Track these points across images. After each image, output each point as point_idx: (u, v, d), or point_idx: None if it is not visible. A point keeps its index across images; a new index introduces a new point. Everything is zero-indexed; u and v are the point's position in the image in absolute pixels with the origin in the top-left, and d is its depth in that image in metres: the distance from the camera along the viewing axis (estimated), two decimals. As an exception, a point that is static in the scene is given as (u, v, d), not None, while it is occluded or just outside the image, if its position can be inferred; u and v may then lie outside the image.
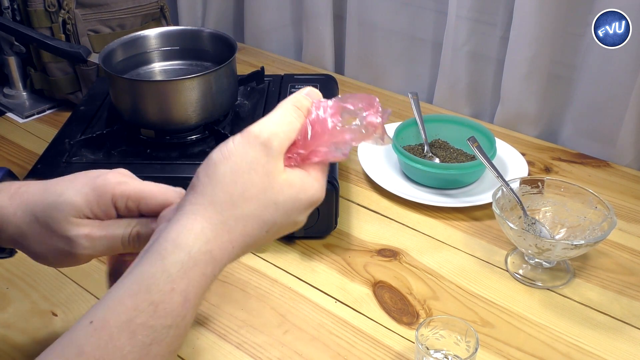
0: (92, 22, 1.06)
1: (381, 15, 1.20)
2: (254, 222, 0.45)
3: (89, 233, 0.50)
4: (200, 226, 0.43)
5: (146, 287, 0.41)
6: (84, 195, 0.50)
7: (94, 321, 0.40)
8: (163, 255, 0.42)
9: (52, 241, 0.50)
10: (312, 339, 0.68)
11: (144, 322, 0.40)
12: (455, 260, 0.79)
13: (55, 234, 0.50)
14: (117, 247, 0.51)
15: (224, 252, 0.44)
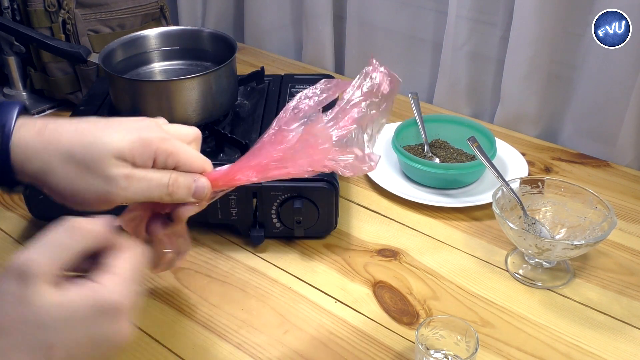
0: (92, 22, 1.06)
1: (381, 15, 1.20)
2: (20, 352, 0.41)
3: (129, 173, 0.50)
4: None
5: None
6: (129, 142, 0.50)
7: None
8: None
9: (87, 179, 0.50)
10: (312, 339, 0.68)
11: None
12: (455, 260, 0.79)
13: (92, 172, 0.49)
14: (155, 192, 0.51)
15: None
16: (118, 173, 0.50)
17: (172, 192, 0.51)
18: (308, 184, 0.76)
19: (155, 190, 0.51)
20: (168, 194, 0.51)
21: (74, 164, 0.50)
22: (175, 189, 0.51)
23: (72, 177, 0.50)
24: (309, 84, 0.96)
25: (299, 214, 0.76)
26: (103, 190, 0.50)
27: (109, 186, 0.50)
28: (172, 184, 0.51)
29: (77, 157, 0.50)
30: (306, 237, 0.81)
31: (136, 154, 0.50)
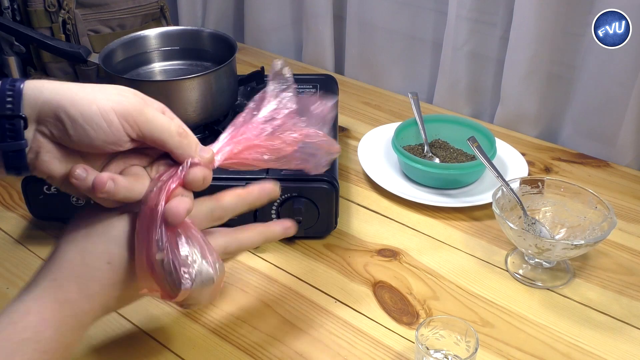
0: (92, 22, 1.06)
1: (381, 15, 1.20)
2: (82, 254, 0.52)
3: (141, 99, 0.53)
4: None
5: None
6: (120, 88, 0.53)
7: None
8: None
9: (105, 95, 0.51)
10: (312, 339, 0.68)
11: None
12: (455, 260, 0.79)
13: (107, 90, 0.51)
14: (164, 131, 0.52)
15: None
16: (133, 98, 0.51)
17: (183, 133, 0.53)
18: (308, 184, 0.76)
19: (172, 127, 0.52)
20: (180, 133, 0.53)
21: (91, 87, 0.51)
22: (184, 137, 0.53)
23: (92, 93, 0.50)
24: (309, 83, 0.97)
25: (299, 214, 0.76)
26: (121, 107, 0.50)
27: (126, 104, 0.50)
28: (184, 130, 0.53)
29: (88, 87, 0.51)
30: (306, 237, 0.81)
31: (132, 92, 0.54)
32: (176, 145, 0.52)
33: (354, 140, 1.04)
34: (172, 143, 0.52)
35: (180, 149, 0.52)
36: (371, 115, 1.13)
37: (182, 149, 0.52)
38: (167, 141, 0.52)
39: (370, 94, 1.20)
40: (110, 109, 0.49)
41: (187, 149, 0.53)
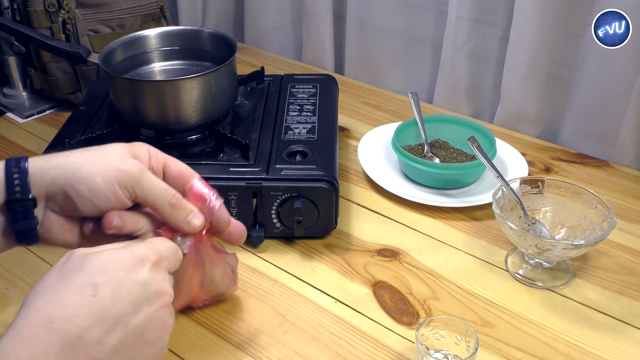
0: (92, 22, 1.06)
1: (381, 15, 1.20)
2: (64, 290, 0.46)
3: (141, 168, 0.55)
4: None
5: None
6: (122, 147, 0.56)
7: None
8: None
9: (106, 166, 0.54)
10: (312, 339, 0.68)
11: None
12: (455, 260, 0.79)
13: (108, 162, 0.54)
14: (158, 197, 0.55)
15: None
16: (132, 166, 0.54)
17: (175, 204, 0.55)
18: (308, 184, 0.76)
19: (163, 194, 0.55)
20: (171, 204, 0.55)
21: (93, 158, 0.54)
22: (177, 205, 0.55)
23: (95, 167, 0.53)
24: (309, 83, 0.97)
25: (299, 214, 0.76)
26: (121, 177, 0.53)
27: (125, 175, 0.53)
28: (177, 198, 0.56)
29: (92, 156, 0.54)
30: (306, 237, 0.81)
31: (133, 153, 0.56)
32: (167, 215, 0.55)
33: (354, 140, 1.04)
34: (164, 212, 0.55)
35: (171, 218, 0.55)
36: (371, 115, 1.13)
37: (173, 218, 0.55)
38: (160, 210, 0.55)
39: (370, 94, 1.20)
40: (114, 180, 0.53)
41: (176, 219, 0.55)
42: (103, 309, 0.45)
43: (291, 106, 0.91)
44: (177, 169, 0.58)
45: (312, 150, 0.81)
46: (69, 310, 0.44)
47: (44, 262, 0.78)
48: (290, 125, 0.86)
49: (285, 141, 0.83)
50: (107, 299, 0.45)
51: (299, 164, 0.79)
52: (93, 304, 0.45)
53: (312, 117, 0.88)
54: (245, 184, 0.76)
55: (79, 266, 0.47)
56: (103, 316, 0.45)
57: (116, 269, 0.47)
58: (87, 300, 0.45)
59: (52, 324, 0.43)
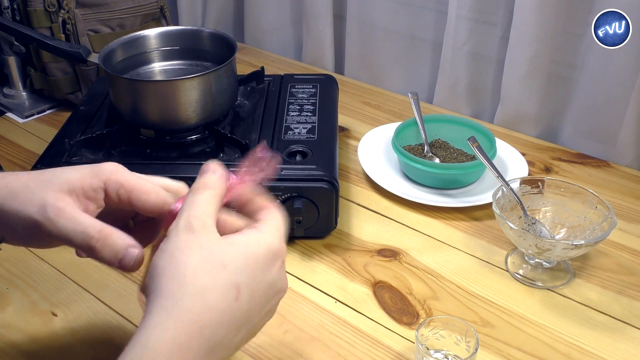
0: (92, 22, 1.06)
1: (381, 15, 1.20)
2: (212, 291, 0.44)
3: (62, 207, 0.48)
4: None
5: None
6: (79, 173, 0.50)
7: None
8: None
9: (28, 205, 0.49)
10: (312, 339, 0.68)
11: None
12: (455, 260, 0.79)
13: (34, 200, 0.49)
14: (78, 238, 0.48)
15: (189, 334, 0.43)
16: (53, 204, 0.48)
17: (95, 247, 0.48)
18: (308, 184, 0.76)
19: (79, 236, 0.48)
20: (91, 247, 0.48)
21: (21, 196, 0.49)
22: (100, 246, 0.48)
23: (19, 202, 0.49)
24: (309, 83, 0.97)
25: (299, 214, 0.76)
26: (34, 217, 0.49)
27: (39, 215, 0.48)
28: (98, 239, 0.48)
29: (30, 186, 0.50)
30: (306, 237, 0.81)
31: (85, 183, 0.50)
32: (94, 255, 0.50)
33: (354, 140, 1.04)
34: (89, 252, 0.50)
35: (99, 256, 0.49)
36: (371, 115, 1.13)
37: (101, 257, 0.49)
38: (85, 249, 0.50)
39: (370, 94, 1.20)
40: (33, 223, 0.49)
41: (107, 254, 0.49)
42: (241, 314, 0.45)
43: (291, 106, 0.91)
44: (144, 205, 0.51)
45: (312, 150, 0.81)
46: (216, 317, 0.44)
47: (44, 262, 0.78)
48: (290, 125, 0.86)
49: (285, 141, 0.83)
50: (245, 304, 0.45)
51: (299, 164, 0.79)
52: (236, 310, 0.45)
53: (312, 117, 0.88)
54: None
55: (220, 260, 0.45)
56: (241, 321, 0.45)
57: (255, 268, 0.46)
58: (231, 306, 0.44)
59: (203, 330, 0.43)
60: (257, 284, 0.46)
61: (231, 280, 0.44)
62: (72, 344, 0.67)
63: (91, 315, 0.70)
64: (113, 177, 0.51)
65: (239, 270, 0.45)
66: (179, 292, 0.43)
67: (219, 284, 0.44)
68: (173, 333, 0.42)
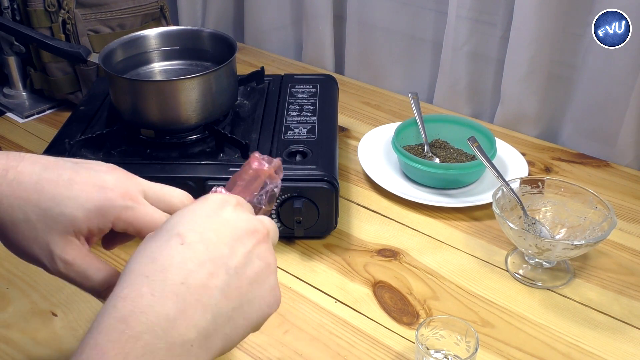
0: (92, 22, 1.06)
1: (381, 15, 1.20)
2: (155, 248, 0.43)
3: (71, 260, 0.48)
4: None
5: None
6: (86, 212, 0.48)
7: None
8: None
9: (33, 244, 0.48)
10: (312, 339, 0.68)
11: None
12: (455, 260, 0.79)
13: (39, 240, 0.48)
14: (85, 289, 0.50)
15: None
16: (60, 254, 0.48)
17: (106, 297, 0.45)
18: (308, 184, 0.76)
19: (88, 289, 0.49)
20: (101, 297, 0.49)
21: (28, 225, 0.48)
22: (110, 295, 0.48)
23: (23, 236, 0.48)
24: (309, 83, 0.97)
25: (299, 214, 0.76)
26: (40, 260, 0.49)
27: (47, 262, 0.48)
28: (107, 290, 0.47)
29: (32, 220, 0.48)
30: (306, 237, 0.81)
31: (92, 223, 0.49)
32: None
33: (354, 140, 1.04)
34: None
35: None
36: (371, 115, 1.13)
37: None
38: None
39: (370, 94, 1.20)
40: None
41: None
42: (196, 254, 0.43)
43: (291, 106, 0.91)
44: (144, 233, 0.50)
45: (312, 150, 0.81)
46: (162, 262, 0.42)
47: (44, 262, 0.78)
48: (290, 125, 0.86)
49: (285, 141, 0.83)
50: (197, 244, 0.43)
51: (299, 164, 0.79)
52: (184, 251, 0.43)
53: (312, 117, 0.88)
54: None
55: (158, 229, 0.45)
56: (198, 260, 0.42)
57: (196, 216, 0.45)
58: (177, 249, 0.43)
59: (149, 278, 0.41)
60: (204, 225, 0.45)
61: (170, 233, 0.44)
62: (72, 344, 0.67)
63: (91, 315, 0.70)
64: (123, 216, 0.49)
65: (177, 223, 0.45)
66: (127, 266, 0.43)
67: (159, 240, 0.43)
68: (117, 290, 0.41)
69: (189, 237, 0.43)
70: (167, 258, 0.42)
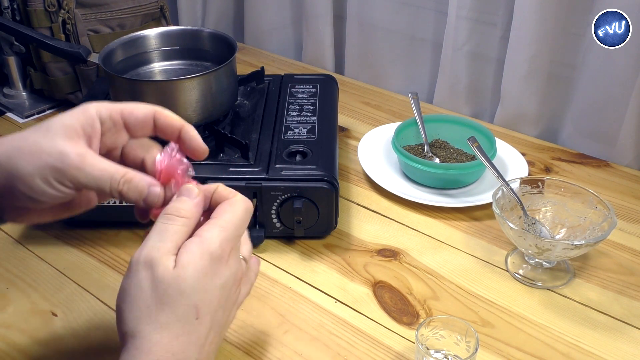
0: (92, 22, 1.06)
1: (381, 15, 1.20)
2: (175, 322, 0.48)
3: (83, 152, 0.50)
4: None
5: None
6: (69, 115, 0.52)
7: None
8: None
9: (42, 158, 0.49)
10: (312, 339, 0.68)
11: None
12: (455, 260, 0.79)
13: (47, 150, 0.49)
14: (106, 183, 0.50)
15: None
16: (72, 151, 0.49)
17: (122, 190, 0.51)
18: (308, 184, 0.76)
19: (107, 183, 0.50)
20: (119, 191, 0.51)
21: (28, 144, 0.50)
22: (126, 189, 0.51)
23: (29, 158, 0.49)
24: (309, 83, 0.97)
25: (299, 214, 0.76)
26: (55, 166, 0.49)
27: (59, 162, 0.49)
28: (124, 182, 0.51)
29: (30, 141, 0.50)
30: (306, 237, 0.81)
31: (81, 121, 0.51)
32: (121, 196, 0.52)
33: (354, 140, 1.04)
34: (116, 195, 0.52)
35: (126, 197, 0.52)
36: (371, 115, 1.13)
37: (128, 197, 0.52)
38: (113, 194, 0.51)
39: (370, 94, 1.20)
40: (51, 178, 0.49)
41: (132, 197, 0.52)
42: (206, 325, 0.49)
43: (291, 106, 0.91)
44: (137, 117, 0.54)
45: (312, 150, 0.81)
46: (184, 340, 0.48)
47: (43, 262, 0.78)
48: (290, 125, 0.86)
49: (285, 141, 0.83)
50: (206, 316, 0.49)
51: (299, 164, 0.79)
52: (199, 326, 0.49)
53: (312, 117, 0.88)
54: (245, 184, 0.76)
55: (177, 290, 0.48)
56: (206, 332, 0.49)
57: (205, 281, 0.49)
58: (194, 326, 0.48)
59: (175, 356, 0.47)
60: (211, 293, 0.49)
61: (189, 304, 0.48)
62: (72, 344, 0.67)
63: (91, 315, 0.70)
64: (101, 107, 0.53)
65: (194, 291, 0.48)
66: (146, 329, 0.47)
67: (179, 312, 0.48)
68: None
69: (202, 309, 0.49)
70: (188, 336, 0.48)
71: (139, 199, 0.52)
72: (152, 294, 0.47)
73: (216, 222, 0.51)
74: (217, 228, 0.51)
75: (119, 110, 0.53)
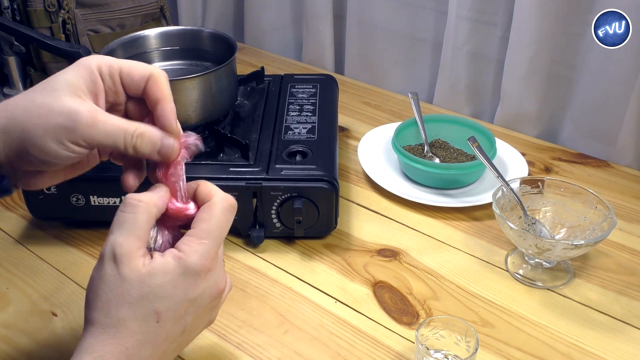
0: (92, 22, 1.06)
1: (381, 15, 1.20)
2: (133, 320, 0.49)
3: (92, 108, 0.49)
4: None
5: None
6: (71, 72, 0.50)
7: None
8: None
9: (53, 119, 0.48)
10: (312, 339, 0.68)
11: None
12: (455, 260, 0.79)
13: (55, 110, 0.48)
14: (119, 138, 0.50)
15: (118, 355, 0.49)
16: (81, 108, 0.48)
17: (136, 144, 0.50)
18: (308, 184, 0.76)
19: (121, 138, 0.50)
20: (132, 145, 0.50)
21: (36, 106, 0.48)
22: (139, 142, 0.50)
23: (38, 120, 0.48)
24: (309, 84, 0.97)
25: (299, 214, 0.76)
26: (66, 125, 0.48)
27: (70, 121, 0.48)
28: (138, 135, 0.50)
29: (37, 103, 0.49)
30: (306, 237, 0.81)
31: (85, 77, 0.50)
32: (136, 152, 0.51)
33: (354, 140, 1.04)
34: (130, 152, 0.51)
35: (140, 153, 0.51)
36: (371, 115, 1.13)
37: (142, 153, 0.51)
38: (127, 151, 0.51)
39: (370, 94, 1.20)
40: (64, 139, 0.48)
41: (146, 152, 0.51)
42: (167, 329, 0.50)
43: (291, 106, 0.91)
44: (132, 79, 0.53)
45: (312, 150, 0.81)
46: (140, 338, 0.49)
47: (43, 262, 0.78)
48: (290, 125, 0.86)
49: (285, 141, 0.83)
50: (169, 321, 0.50)
51: (299, 164, 0.79)
52: (159, 329, 0.49)
53: (312, 117, 0.88)
54: (245, 184, 0.76)
55: (140, 293, 0.48)
56: (166, 335, 0.50)
57: (174, 292, 0.50)
58: (153, 327, 0.49)
59: (129, 351, 0.48)
60: (179, 303, 0.50)
61: (150, 309, 0.49)
62: (72, 344, 0.67)
63: (91, 315, 0.70)
64: (100, 60, 0.51)
65: (157, 297, 0.49)
66: (105, 322, 0.48)
67: (139, 312, 0.48)
68: (100, 353, 0.48)
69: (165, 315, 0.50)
70: (144, 335, 0.49)
71: (153, 152, 0.51)
72: (115, 289, 0.48)
73: (195, 233, 0.51)
74: (196, 242, 0.51)
75: (117, 68, 0.52)
